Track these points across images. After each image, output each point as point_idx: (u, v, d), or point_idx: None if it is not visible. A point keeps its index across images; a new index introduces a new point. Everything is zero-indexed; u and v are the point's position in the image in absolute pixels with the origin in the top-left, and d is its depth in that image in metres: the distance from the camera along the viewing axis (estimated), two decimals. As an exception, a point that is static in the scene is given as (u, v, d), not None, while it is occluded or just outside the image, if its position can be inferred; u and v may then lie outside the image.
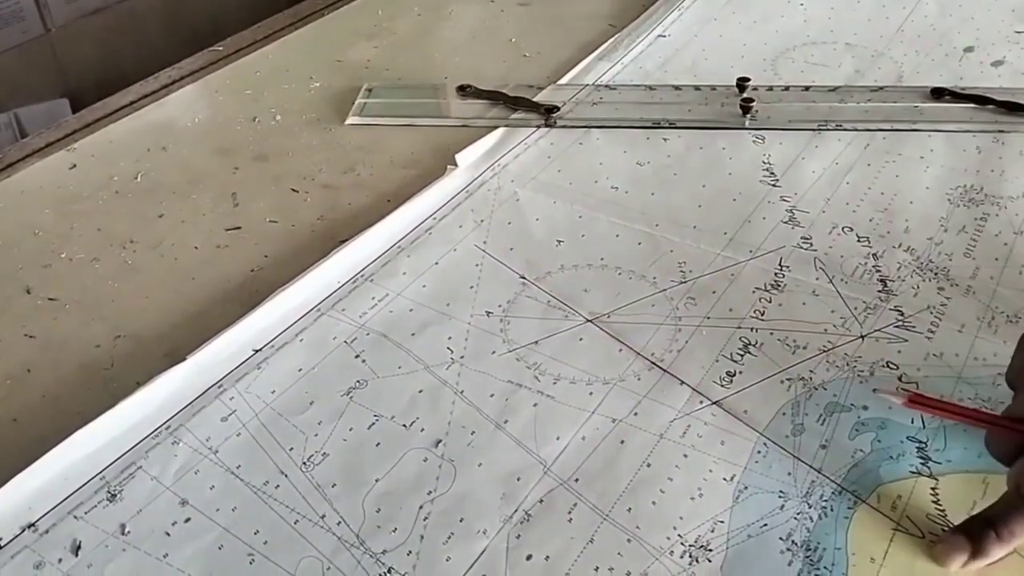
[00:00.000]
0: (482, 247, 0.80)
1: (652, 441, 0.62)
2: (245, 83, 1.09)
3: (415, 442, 0.63)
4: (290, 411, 0.66)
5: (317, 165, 0.94)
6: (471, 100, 1.02)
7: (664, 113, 0.97)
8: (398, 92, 1.06)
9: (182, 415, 0.66)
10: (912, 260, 0.75)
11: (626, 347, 0.69)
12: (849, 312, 0.71)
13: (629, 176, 0.88)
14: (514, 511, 0.58)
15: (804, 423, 0.63)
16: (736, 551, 0.55)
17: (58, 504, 0.60)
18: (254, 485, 0.61)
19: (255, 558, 0.57)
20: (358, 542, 0.57)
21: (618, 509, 0.58)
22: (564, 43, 1.13)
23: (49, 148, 0.98)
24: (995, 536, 0.53)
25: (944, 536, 0.55)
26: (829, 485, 0.59)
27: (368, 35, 1.19)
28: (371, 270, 0.78)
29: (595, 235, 0.80)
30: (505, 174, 0.89)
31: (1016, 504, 0.53)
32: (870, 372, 0.66)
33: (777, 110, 0.95)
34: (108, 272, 0.81)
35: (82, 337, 0.75)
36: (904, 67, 1.02)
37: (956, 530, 0.55)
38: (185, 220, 0.87)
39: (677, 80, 1.02)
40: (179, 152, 0.97)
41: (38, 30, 1.75)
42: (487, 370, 0.68)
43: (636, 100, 1.00)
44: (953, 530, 0.55)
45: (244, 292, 0.77)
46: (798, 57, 1.06)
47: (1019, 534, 0.53)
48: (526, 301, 0.74)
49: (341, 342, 0.71)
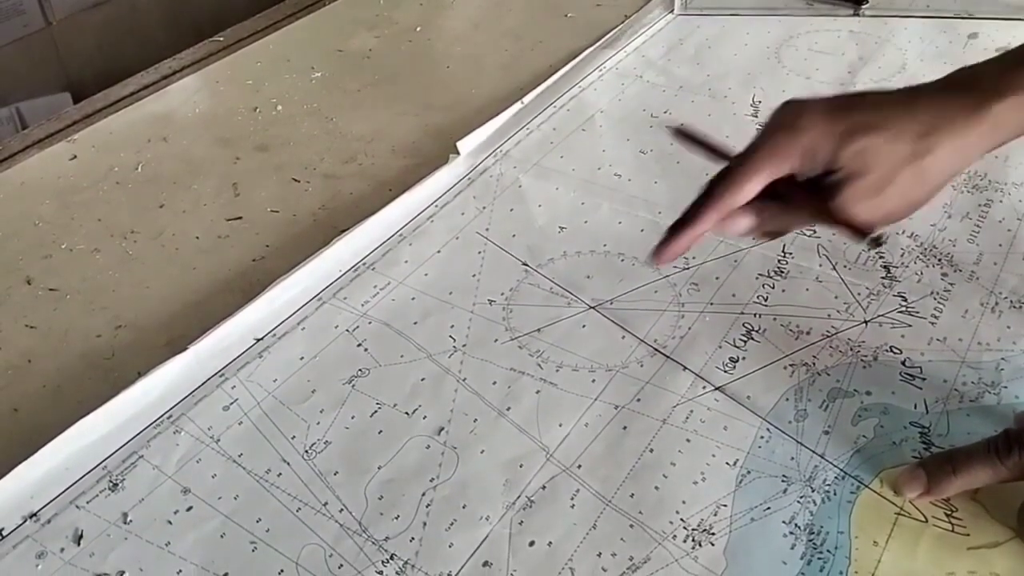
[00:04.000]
0: (484, 234, 0.79)
1: (655, 427, 0.62)
2: (246, 73, 1.09)
3: (417, 429, 0.63)
4: (292, 399, 0.66)
5: (318, 155, 0.94)
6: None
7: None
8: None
9: (184, 404, 0.66)
10: (916, 246, 0.75)
11: (629, 333, 0.69)
12: (852, 298, 0.70)
13: (632, 163, 0.88)
14: (516, 497, 0.58)
15: (807, 408, 0.62)
16: (739, 535, 0.55)
17: (60, 494, 0.60)
18: (256, 473, 0.61)
19: (257, 546, 0.57)
20: (360, 529, 0.57)
21: (621, 495, 0.58)
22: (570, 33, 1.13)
23: (49, 139, 0.98)
24: (952, 474, 0.55)
25: (905, 467, 0.57)
26: (832, 470, 0.58)
27: (369, 25, 1.19)
28: (373, 258, 0.77)
29: (597, 222, 0.80)
30: (507, 160, 0.89)
31: (980, 451, 0.55)
32: (873, 357, 0.66)
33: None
34: (109, 262, 0.81)
35: (83, 327, 0.74)
36: (908, 54, 1.01)
37: (918, 464, 0.57)
38: (186, 210, 0.87)
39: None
40: (180, 143, 0.97)
41: (39, 24, 1.75)
42: (489, 358, 0.68)
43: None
44: (916, 463, 0.57)
45: (245, 282, 0.77)
46: (800, 45, 1.05)
47: (974, 478, 0.55)
48: (528, 288, 0.74)
49: (343, 330, 0.71)
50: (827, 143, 0.61)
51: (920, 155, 0.60)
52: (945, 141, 0.60)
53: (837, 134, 0.61)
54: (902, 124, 0.61)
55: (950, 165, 0.61)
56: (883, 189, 0.60)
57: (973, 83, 0.61)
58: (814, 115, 0.62)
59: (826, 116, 0.62)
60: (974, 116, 0.60)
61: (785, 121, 0.62)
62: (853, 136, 0.60)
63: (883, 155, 0.60)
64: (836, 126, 0.61)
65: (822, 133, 0.61)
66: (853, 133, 0.61)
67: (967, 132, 0.60)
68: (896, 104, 0.62)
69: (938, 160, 0.60)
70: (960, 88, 0.62)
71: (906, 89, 0.64)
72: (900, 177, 0.60)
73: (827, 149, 0.61)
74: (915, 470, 0.56)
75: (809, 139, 0.61)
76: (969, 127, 0.60)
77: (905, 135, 0.60)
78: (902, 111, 0.61)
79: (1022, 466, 0.53)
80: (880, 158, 0.60)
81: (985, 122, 0.60)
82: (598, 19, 1.14)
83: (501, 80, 1.04)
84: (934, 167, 0.60)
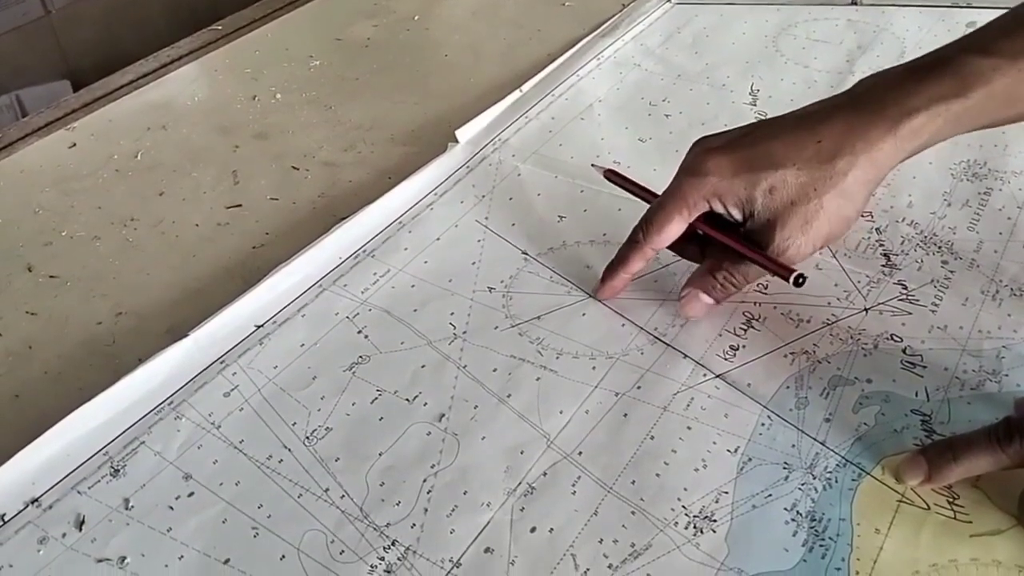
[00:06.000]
0: (483, 223, 0.79)
1: (655, 414, 0.62)
2: (245, 62, 1.09)
3: (418, 416, 0.63)
4: (293, 386, 0.66)
5: (317, 143, 0.94)
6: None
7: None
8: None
9: (184, 391, 0.66)
10: (916, 234, 0.75)
11: (629, 321, 0.69)
12: (853, 286, 0.70)
13: (631, 151, 0.88)
14: (517, 484, 0.58)
15: (808, 396, 0.62)
16: (740, 521, 0.55)
17: (62, 479, 0.61)
18: (257, 459, 0.61)
19: (259, 532, 0.57)
20: (362, 515, 0.57)
21: (622, 482, 0.58)
22: (568, 21, 1.13)
23: (49, 127, 0.98)
24: (953, 461, 0.55)
25: (906, 455, 0.57)
26: (833, 457, 0.58)
27: (368, 14, 1.19)
28: (372, 246, 0.78)
29: (597, 210, 0.80)
30: (506, 148, 0.89)
31: (980, 439, 0.55)
32: (874, 345, 0.66)
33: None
34: (109, 250, 0.81)
35: (84, 314, 0.75)
36: (906, 42, 1.01)
37: (919, 451, 0.57)
38: (186, 198, 0.87)
39: None
40: (179, 131, 0.97)
41: (38, 12, 1.75)
42: (489, 345, 0.68)
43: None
44: (916, 451, 0.57)
45: (245, 269, 0.77)
46: (799, 33, 1.05)
47: (975, 465, 0.55)
48: (528, 277, 0.74)
49: (343, 317, 0.71)
50: (735, 188, 0.63)
51: (840, 175, 0.61)
52: (861, 157, 0.61)
53: (743, 177, 0.63)
54: (806, 152, 0.62)
55: (873, 176, 0.62)
56: (814, 218, 0.62)
57: (882, 98, 0.62)
58: (717, 159, 0.64)
59: (728, 159, 0.64)
60: (888, 133, 0.61)
61: (691, 167, 0.66)
62: (758, 176, 0.63)
63: (796, 187, 0.62)
64: (739, 169, 0.63)
65: (726, 178, 0.64)
66: (757, 172, 0.63)
67: (881, 145, 0.61)
68: (796, 130, 0.64)
69: (858, 178, 0.62)
70: (868, 104, 0.63)
71: (806, 111, 0.65)
72: (826, 201, 0.62)
73: (737, 195, 0.63)
74: (916, 457, 0.56)
75: (712, 185, 0.64)
76: (884, 141, 0.61)
77: (813, 162, 0.62)
78: (805, 136, 0.63)
79: (1023, 453, 0.53)
80: (793, 191, 0.62)
81: (899, 136, 0.61)
82: (596, 7, 1.14)
83: (499, 69, 1.04)
84: (855, 185, 0.62)
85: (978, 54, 0.61)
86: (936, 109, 0.60)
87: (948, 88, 0.61)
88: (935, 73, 0.62)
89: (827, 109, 0.64)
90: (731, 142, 0.65)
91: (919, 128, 0.61)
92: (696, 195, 0.65)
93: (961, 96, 0.60)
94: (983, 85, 0.60)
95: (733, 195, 0.63)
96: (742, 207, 0.64)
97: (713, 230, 0.66)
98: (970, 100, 0.60)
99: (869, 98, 0.63)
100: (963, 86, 0.60)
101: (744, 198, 0.63)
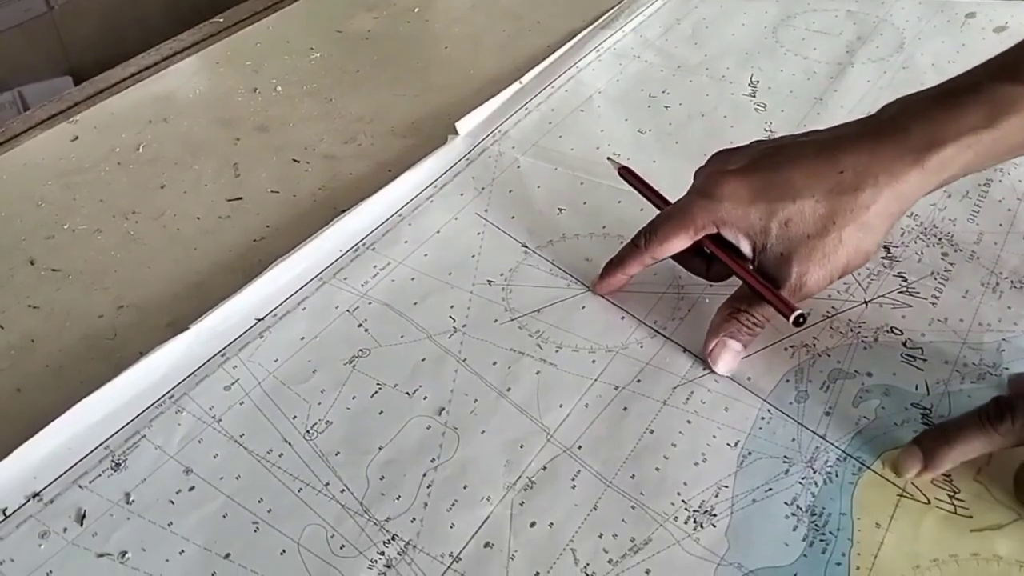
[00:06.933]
0: (483, 215, 0.79)
1: (655, 407, 0.62)
2: (245, 55, 1.09)
3: (418, 410, 0.63)
4: (293, 380, 0.66)
5: (318, 135, 0.94)
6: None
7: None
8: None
9: (185, 384, 0.66)
10: (915, 226, 0.75)
11: (628, 315, 0.69)
12: (852, 278, 0.70)
13: (631, 143, 0.88)
14: (517, 478, 0.58)
15: (808, 390, 0.63)
16: (741, 515, 0.55)
17: (63, 474, 0.61)
18: (258, 453, 0.61)
19: (259, 526, 0.57)
20: (362, 510, 0.57)
21: (621, 476, 0.58)
22: (568, 13, 1.13)
23: (51, 120, 0.98)
24: (947, 446, 0.55)
25: (902, 448, 0.57)
26: (833, 451, 0.58)
27: (368, 6, 1.18)
28: (372, 239, 0.77)
29: (597, 202, 0.80)
30: (506, 140, 0.89)
31: (972, 421, 0.55)
32: (874, 338, 0.66)
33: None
34: (111, 243, 0.81)
35: (85, 307, 0.75)
36: (906, 33, 1.01)
37: (913, 441, 0.57)
38: (187, 191, 0.87)
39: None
40: (180, 124, 0.97)
41: (40, 8, 1.75)
42: (489, 338, 0.68)
43: None
44: (911, 442, 0.57)
45: (246, 262, 0.77)
46: (798, 25, 1.05)
47: (970, 448, 0.55)
48: (528, 270, 0.74)
49: (343, 311, 0.71)
50: (750, 217, 0.62)
51: (862, 208, 0.60)
52: (885, 190, 0.60)
53: (759, 207, 0.62)
54: (827, 182, 0.61)
55: (897, 210, 0.61)
56: (832, 252, 0.61)
57: (907, 126, 0.61)
58: (734, 184, 0.63)
59: (745, 185, 0.62)
60: (915, 166, 0.59)
61: (705, 188, 0.64)
62: (774, 207, 0.61)
63: (814, 220, 0.61)
64: (756, 197, 0.62)
65: (741, 205, 0.62)
66: (773, 203, 0.61)
67: (907, 178, 0.60)
68: (817, 157, 0.62)
69: (880, 212, 0.60)
70: (893, 132, 0.61)
71: (826, 137, 0.63)
72: (845, 235, 0.60)
73: (751, 224, 0.62)
74: (911, 448, 0.56)
75: (724, 211, 0.63)
76: (909, 174, 0.60)
77: (833, 193, 0.60)
78: (826, 165, 0.61)
79: (1016, 432, 0.53)
80: (810, 224, 0.61)
81: (927, 169, 0.60)
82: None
83: (499, 61, 1.04)
84: (876, 219, 0.60)
85: (1009, 82, 0.60)
86: (967, 140, 0.59)
87: (978, 118, 0.59)
88: (964, 101, 0.60)
89: (850, 137, 0.62)
90: (749, 165, 0.64)
91: (948, 160, 0.59)
92: (706, 217, 0.63)
93: (992, 126, 0.59)
94: (1015, 114, 0.59)
95: (746, 224, 0.62)
96: (754, 237, 0.62)
97: (720, 251, 0.65)
98: (1000, 131, 0.59)
99: (894, 126, 0.61)
100: (994, 115, 0.59)
101: (759, 229, 0.62)
